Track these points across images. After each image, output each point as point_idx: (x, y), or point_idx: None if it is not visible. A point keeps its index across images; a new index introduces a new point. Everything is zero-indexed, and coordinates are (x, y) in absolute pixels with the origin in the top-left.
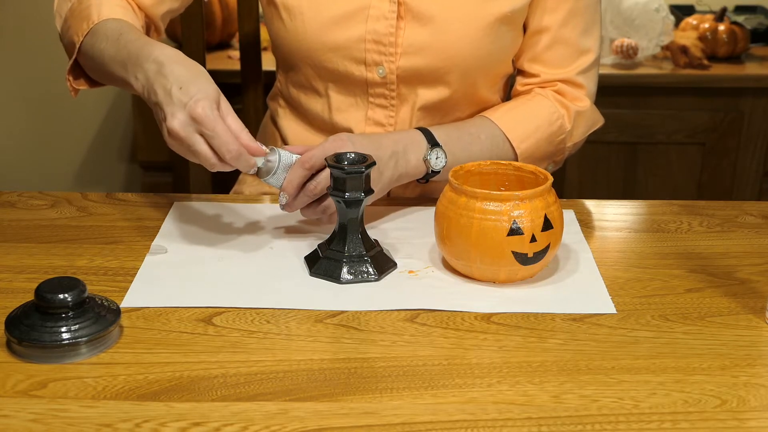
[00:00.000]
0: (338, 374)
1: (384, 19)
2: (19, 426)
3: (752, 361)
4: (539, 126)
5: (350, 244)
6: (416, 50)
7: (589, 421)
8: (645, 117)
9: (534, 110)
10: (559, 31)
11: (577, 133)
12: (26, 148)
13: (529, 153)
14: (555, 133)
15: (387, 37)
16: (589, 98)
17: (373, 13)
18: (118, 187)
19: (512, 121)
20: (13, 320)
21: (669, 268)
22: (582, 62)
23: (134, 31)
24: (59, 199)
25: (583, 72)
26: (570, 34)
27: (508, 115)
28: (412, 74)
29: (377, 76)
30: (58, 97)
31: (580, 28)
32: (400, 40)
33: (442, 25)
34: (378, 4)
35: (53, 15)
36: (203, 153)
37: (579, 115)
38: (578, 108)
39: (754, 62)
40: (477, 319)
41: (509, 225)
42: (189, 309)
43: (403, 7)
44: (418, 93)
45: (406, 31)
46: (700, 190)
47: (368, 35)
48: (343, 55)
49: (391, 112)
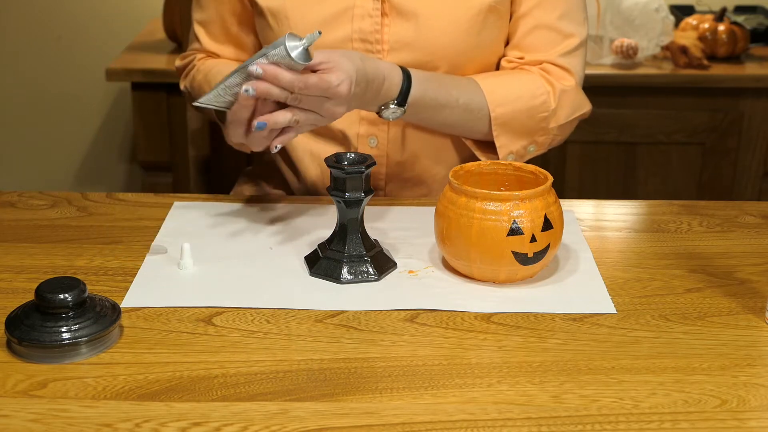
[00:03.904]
0: (338, 374)
1: (369, 17)
2: (19, 426)
3: (752, 361)
4: (520, 96)
5: (350, 244)
6: (402, 46)
7: (589, 421)
8: (645, 117)
9: (519, 80)
10: (536, 15)
11: (561, 114)
12: (26, 148)
13: (505, 120)
14: (537, 108)
15: (373, 35)
16: (576, 82)
17: (357, 12)
18: (118, 187)
19: (495, 86)
20: (13, 320)
21: (669, 268)
22: (565, 45)
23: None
24: (59, 199)
25: (566, 55)
26: (547, 17)
27: (493, 79)
28: None
29: None
30: (58, 97)
31: (558, 12)
32: (386, 37)
33: (426, 20)
34: (362, 3)
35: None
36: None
37: (564, 94)
38: (563, 87)
39: (753, 62)
40: (477, 319)
41: (509, 225)
42: (189, 309)
43: (387, 4)
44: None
45: (392, 27)
46: (700, 190)
47: (354, 34)
48: None
49: None
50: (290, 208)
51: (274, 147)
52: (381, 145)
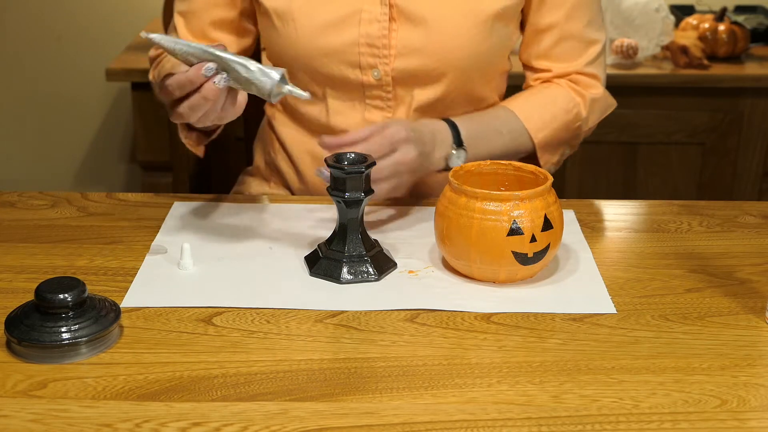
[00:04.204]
0: (338, 374)
1: (376, 21)
2: (19, 426)
3: (752, 361)
4: (556, 115)
5: (350, 244)
6: (410, 51)
7: (589, 421)
8: (645, 117)
9: (551, 99)
10: (564, 27)
11: (592, 119)
12: (26, 148)
13: (546, 141)
14: (572, 120)
15: (380, 40)
16: (602, 85)
17: (365, 16)
18: (118, 187)
19: (530, 111)
20: (13, 320)
21: (669, 268)
22: (590, 53)
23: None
24: (59, 199)
25: (591, 62)
26: (576, 27)
27: (526, 104)
28: (407, 75)
29: (372, 78)
30: (58, 97)
31: (585, 20)
32: (394, 42)
33: (435, 26)
34: (369, 8)
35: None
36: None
37: (594, 102)
38: (593, 95)
39: (754, 62)
40: (477, 319)
41: (509, 225)
42: (189, 309)
43: (395, 9)
44: (414, 93)
45: (399, 32)
46: (700, 190)
47: (361, 39)
48: (338, 59)
49: (387, 113)
50: (290, 207)
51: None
52: None
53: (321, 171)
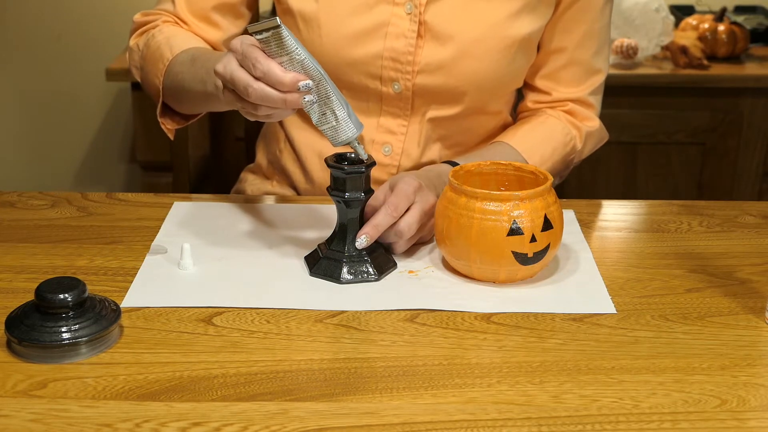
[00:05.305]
0: (338, 374)
1: (404, 37)
2: (19, 426)
3: (752, 361)
4: (555, 148)
5: (350, 244)
6: (434, 69)
7: (589, 421)
8: (645, 117)
9: (549, 133)
10: (574, 52)
11: (585, 151)
12: (26, 148)
13: None
14: (568, 153)
15: (405, 56)
16: (597, 117)
17: (392, 30)
18: (118, 187)
19: (531, 147)
20: (13, 320)
21: (669, 268)
22: (593, 81)
23: (206, 52)
24: (59, 199)
25: (593, 92)
26: (584, 55)
27: (526, 139)
28: (427, 91)
29: (392, 90)
30: (58, 97)
31: (594, 49)
32: (419, 58)
33: (462, 46)
34: (397, 22)
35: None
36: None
37: (589, 135)
38: (589, 128)
39: (753, 62)
40: (477, 319)
41: (509, 225)
42: (189, 309)
43: (424, 26)
44: (431, 106)
45: (425, 50)
46: (700, 190)
47: (386, 52)
48: (359, 70)
49: (404, 121)
50: (290, 207)
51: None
52: (394, 155)
53: (361, 241)
